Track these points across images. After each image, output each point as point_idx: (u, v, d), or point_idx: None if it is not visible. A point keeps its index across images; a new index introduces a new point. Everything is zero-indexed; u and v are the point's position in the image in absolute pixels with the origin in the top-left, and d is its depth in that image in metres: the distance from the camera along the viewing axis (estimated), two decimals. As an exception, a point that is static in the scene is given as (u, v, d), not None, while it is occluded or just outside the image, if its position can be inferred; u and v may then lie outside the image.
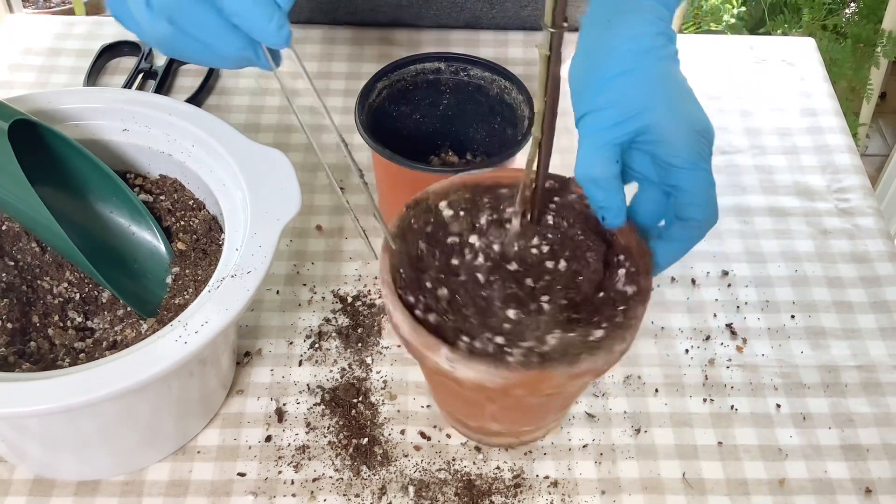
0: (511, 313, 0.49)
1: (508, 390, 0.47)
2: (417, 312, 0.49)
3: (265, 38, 0.44)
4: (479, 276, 0.50)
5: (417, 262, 0.51)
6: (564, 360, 0.47)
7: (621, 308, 0.50)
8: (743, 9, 1.81)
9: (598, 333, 0.48)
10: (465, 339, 0.48)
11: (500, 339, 0.48)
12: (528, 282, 0.50)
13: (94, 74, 0.84)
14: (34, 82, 0.84)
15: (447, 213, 0.53)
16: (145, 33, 0.46)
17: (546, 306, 0.49)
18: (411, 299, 0.49)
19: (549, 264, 0.50)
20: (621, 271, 0.52)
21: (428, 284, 0.50)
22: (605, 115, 0.48)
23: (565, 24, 0.39)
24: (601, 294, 0.51)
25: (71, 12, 1.88)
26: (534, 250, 0.50)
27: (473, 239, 0.52)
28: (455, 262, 0.51)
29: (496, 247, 0.52)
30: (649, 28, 0.50)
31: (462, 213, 0.53)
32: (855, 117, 1.75)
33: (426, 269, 0.51)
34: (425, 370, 0.56)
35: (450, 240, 0.52)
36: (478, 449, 0.60)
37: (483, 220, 0.53)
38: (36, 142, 0.58)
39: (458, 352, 0.47)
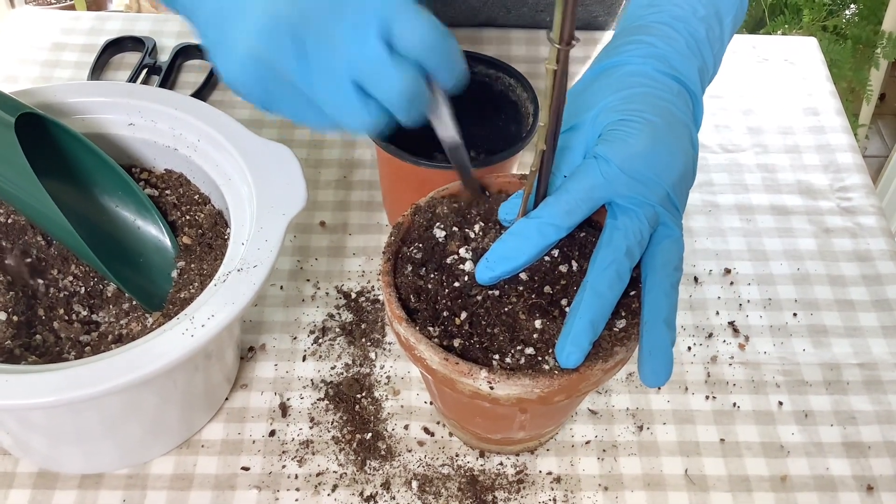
0: (538, 323, 0.48)
1: (548, 398, 0.47)
2: (436, 341, 0.48)
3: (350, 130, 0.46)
4: (497, 292, 0.49)
5: (427, 292, 0.50)
6: (598, 357, 0.47)
7: (632, 293, 0.50)
8: (743, 9, 1.81)
9: (621, 323, 0.49)
10: (496, 357, 0.48)
11: (530, 350, 0.48)
12: (547, 289, 0.50)
13: (99, 70, 0.84)
14: (38, 77, 0.84)
15: (440, 234, 0.53)
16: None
17: (568, 309, 0.49)
18: (430, 329, 0.49)
19: (563, 268, 0.50)
20: None
21: (445, 313, 0.49)
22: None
23: (573, 42, 0.39)
24: None
25: (72, 9, 1.88)
26: (546, 258, 0.50)
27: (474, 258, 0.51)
28: (466, 282, 0.50)
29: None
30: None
31: (455, 228, 0.53)
32: (854, 118, 1.76)
33: (438, 296, 0.50)
34: (447, 398, 0.55)
35: (449, 260, 0.51)
36: (481, 444, 0.60)
37: (481, 241, 0.52)
38: (42, 135, 0.58)
39: (497, 371, 0.46)
